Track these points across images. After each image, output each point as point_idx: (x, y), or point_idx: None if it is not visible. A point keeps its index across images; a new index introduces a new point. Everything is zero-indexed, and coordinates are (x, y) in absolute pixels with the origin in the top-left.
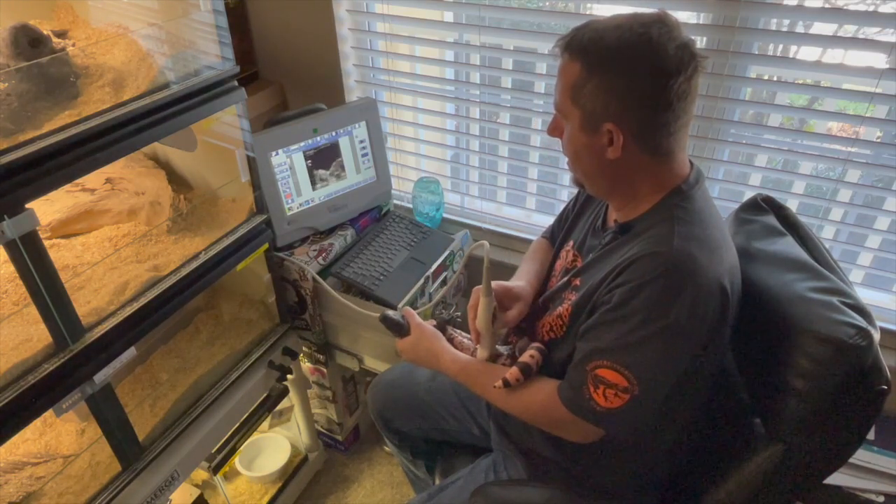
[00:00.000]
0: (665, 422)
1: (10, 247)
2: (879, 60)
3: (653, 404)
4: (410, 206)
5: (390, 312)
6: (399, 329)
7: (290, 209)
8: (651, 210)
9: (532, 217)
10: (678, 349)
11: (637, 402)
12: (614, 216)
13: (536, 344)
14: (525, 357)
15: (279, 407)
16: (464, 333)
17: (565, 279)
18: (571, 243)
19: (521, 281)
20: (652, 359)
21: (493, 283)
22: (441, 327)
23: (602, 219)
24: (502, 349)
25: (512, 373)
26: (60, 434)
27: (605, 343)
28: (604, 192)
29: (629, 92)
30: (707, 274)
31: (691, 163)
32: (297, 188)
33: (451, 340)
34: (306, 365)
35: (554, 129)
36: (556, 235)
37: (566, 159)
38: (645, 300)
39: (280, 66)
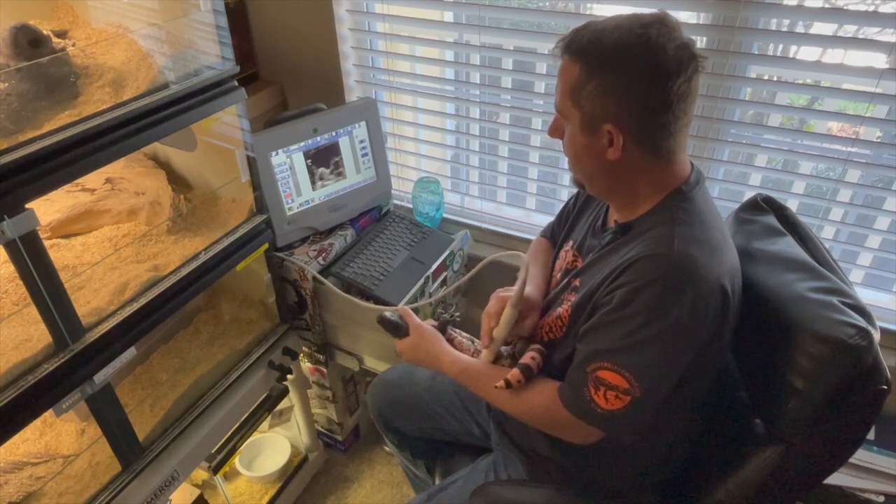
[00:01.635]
0: (665, 422)
1: (10, 247)
2: (879, 60)
3: (653, 406)
4: (410, 206)
5: (387, 313)
6: (397, 330)
7: (290, 209)
8: (651, 211)
9: (532, 217)
10: (679, 351)
11: (638, 403)
12: (615, 216)
13: (536, 346)
14: (526, 359)
15: (279, 407)
16: (463, 333)
17: (565, 280)
18: (571, 243)
19: (530, 286)
20: (653, 361)
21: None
22: (441, 327)
23: (602, 219)
24: (503, 350)
25: (513, 374)
26: (60, 434)
27: (606, 345)
28: (604, 192)
29: (628, 93)
30: (707, 275)
31: (692, 164)
32: (297, 188)
33: (450, 341)
34: (306, 365)
35: (555, 131)
36: (557, 235)
37: (567, 159)
38: (645, 302)
39: (280, 66)
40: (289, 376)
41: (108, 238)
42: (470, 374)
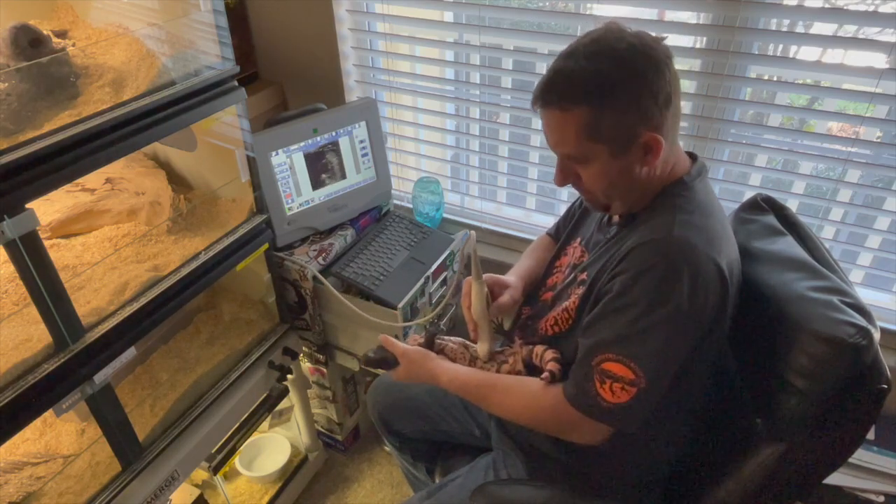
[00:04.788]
0: (666, 416)
1: (10, 247)
2: (879, 60)
3: (657, 396)
4: (410, 206)
5: (370, 352)
6: (386, 364)
7: (290, 209)
8: (654, 200)
9: (532, 217)
10: (681, 336)
11: (643, 394)
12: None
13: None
14: (550, 353)
15: (279, 407)
16: (454, 339)
17: (572, 275)
18: (579, 239)
19: (513, 276)
20: (656, 348)
21: (484, 276)
22: (429, 342)
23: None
24: (513, 350)
25: (552, 366)
26: (60, 434)
27: (610, 335)
28: (635, 203)
29: (644, 98)
30: (706, 260)
31: (695, 157)
32: (297, 188)
33: (441, 350)
34: (306, 365)
35: (567, 177)
36: (561, 232)
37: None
38: (645, 288)
39: (280, 66)
40: (289, 376)
41: (108, 238)
42: (469, 388)
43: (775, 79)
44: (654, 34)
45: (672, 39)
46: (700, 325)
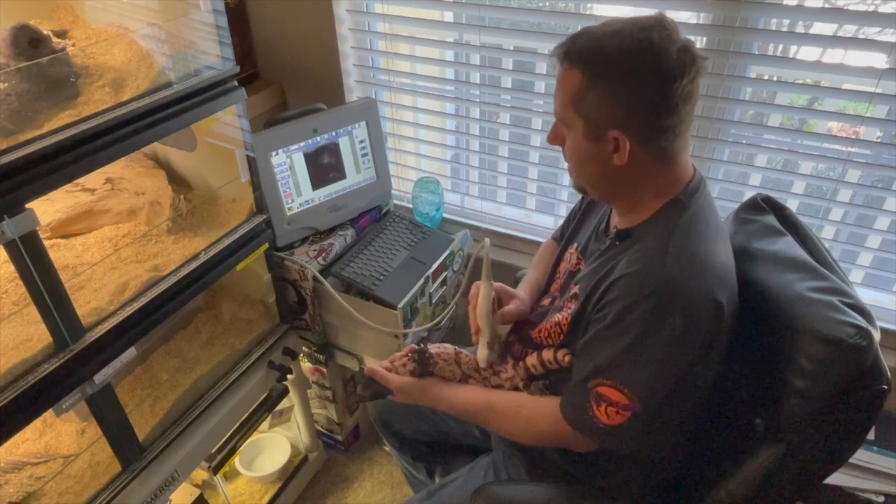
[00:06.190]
0: (665, 429)
1: (10, 247)
2: (879, 60)
3: (651, 418)
4: (410, 206)
5: (362, 391)
6: (380, 397)
7: (290, 209)
8: (650, 219)
9: (532, 217)
10: (674, 363)
11: (637, 418)
12: (616, 220)
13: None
14: (562, 351)
15: (279, 407)
16: (444, 350)
17: (567, 285)
18: (576, 245)
19: (522, 290)
20: (650, 375)
21: (494, 284)
22: (422, 362)
23: (606, 222)
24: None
25: (569, 360)
26: (60, 434)
27: (604, 361)
28: (608, 197)
29: (634, 99)
30: (699, 289)
31: (694, 168)
32: (297, 188)
33: (434, 365)
34: (306, 365)
35: (555, 138)
36: (565, 234)
37: (567, 164)
38: (639, 317)
39: (280, 66)
40: (289, 376)
41: (108, 238)
42: (468, 413)
43: (775, 79)
44: (697, 47)
45: None
46: (693, 352)
